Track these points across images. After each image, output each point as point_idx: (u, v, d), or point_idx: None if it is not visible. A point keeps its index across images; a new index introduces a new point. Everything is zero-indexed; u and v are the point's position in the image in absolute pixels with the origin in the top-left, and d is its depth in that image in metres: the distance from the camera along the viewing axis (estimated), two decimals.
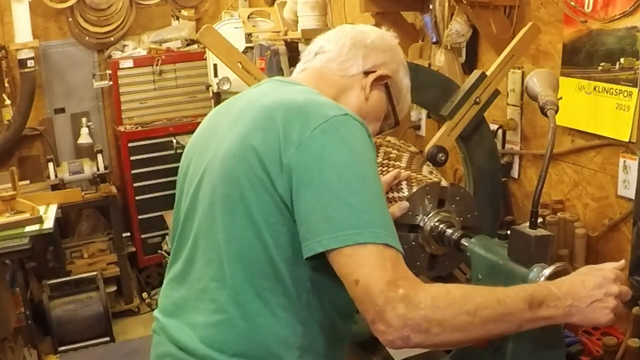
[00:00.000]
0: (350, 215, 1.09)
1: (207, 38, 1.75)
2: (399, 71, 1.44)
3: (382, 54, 1.40)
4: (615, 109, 1.75)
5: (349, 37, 1.39)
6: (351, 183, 1.11)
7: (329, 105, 1.21)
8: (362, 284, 1.06)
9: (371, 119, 1.40)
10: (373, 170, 1.17)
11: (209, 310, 1.23)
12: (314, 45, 1.42)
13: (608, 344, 1.63)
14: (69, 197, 3.78)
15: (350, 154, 1.14)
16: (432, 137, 1.82)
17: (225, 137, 1.26)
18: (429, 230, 1.51)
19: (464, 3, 2.06)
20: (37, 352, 3.60)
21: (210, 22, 4.21)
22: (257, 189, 1.17)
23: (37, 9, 4.17)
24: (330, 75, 1.37)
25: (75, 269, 4.07)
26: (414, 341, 1.05)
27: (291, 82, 1.37)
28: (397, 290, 1.04)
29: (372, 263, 1.06)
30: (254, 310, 1.20)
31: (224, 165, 1.22)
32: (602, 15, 1.76)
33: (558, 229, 1.84)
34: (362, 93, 1.38)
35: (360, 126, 1.19)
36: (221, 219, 1.22)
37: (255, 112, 1.23)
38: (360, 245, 1.07)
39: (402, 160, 1.68)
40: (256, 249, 1.18)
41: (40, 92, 4.30)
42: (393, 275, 1.06)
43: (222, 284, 1.21)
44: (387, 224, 1.12)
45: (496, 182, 1.94)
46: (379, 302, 1.04)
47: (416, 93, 1.78)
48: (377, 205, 1.13)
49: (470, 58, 2.35)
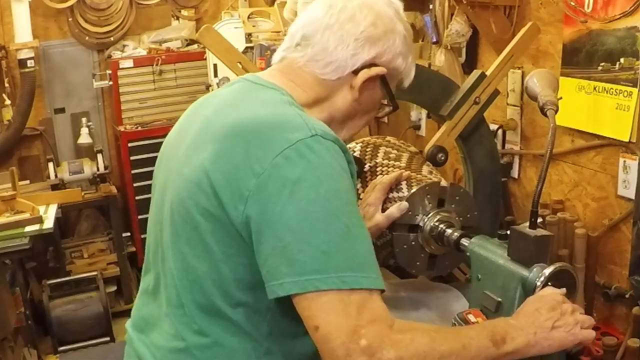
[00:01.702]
0: (313, 259, 1.00)
1: (207, 38, 1.75)
2: (397, 58, 1.25)
3: (375, 45, 1.21)
4: (615, 109, 1.75)
5: (336, 28, 1.19)
6: (316, 221, 1.02)
7: (296, 125, 1.07)
8: (321, 332, 0.99)
9: (362, 115, 1.28)
10: (345, 199, 1.06)
11: (170, 335, 1.18)
12: (296, 29, 1.24)
13: (608, 344, 1.63)
14: (69, 197, 3.78)
15: (317, 186, 1.03)
16: (432, 137, 1.82)
17: (186, 154, 1.17)
18: (429, 230, 1.51)
19: (464, 3, 2.06)
20: (37, 352, 3.59)
21: (210, 22, 4.21)
22: (210, 220, 1.09)
23: (37, 9, 4.16)
24: (309, 79, 1.21)
25: (75, 269, 4.06)
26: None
27: (264, 84, 1.21)
28: (359, 342, 0.97)
29: (334, 310, 0.99)
30: (212, 340, 1.13)
31: (180, 189, 1.14)
32: (602, 15, 1.76)
33: (558, 229, 1.84)
34: (351, 92, 1.22)
35: (331, 146, 1.07)
36: (177, 245, 1.15)
37: (217, 132, 1.12)
38: (322, 292, 1.00)
39: (401, 160, 1.68)
40: (212, 281, 1.11)
41: (40, 92, 4.30)
42: (356, 323, 0.99)
43: (181, 312, 1.16)
44: (359, 264, 1.03)
45: (496, 182, 1.94)
46: (339, 354, 0.98)
47: (416, 93, 1.79)
48: (345, 244, 1.03)
49: (470, 58, 2.35)
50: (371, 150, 1.70)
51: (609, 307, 1.85)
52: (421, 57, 2.51)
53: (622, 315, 1.81)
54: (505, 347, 1.09)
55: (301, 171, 1.03)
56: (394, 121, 3.05)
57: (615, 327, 1.83)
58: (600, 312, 1.88)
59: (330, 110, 1.24)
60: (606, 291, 1.80)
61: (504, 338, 1.10)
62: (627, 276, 1.73)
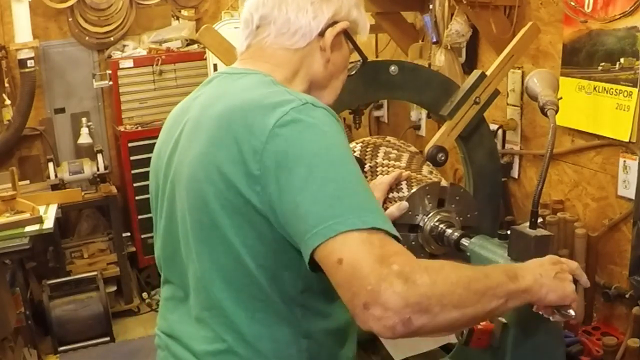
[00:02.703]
0: (328, 206, 0.98)
1: (207, 38, 1.75)
2: (352, 10, 1.27)
3: (330, 3, 1.23)
4: (615, 109, 1.75)
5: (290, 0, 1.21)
6: (323, 172, 1.01)
7: (286, 98, 1.09)
8: (347, 262, 0.93)
9: (338, 73, 1.29)
10: (345, 152, 1.06)
11: (207, 338, 1.17)
12: (250, 14, 1.25)
13: (608, 344, 1.63)
14: (69, 197, 3.78)
15: (317, 140, 1.04)
16: (432, 137, 1.82)
17: (185, 155, 1.17)
18: (429, 230, 1.51)
19: (464, 3, 2.06)
20: (37, 352, 3.59)
21: (210, 22, 4.21)
22: (229, 211, 1.08)
23: (37, 9, 4.16)
24: (283, 54, 1.22)
25: (75, 269, 4.06)
26: (416, 324, 0.92)
27: (241, 71, 1.23)
28: (391, 266, 0.92)
29: (357, 243, 0.95)
30: (252, 335, 1.13)
31: (190, 190, 1.14)
32: (602, 15, 1.76)
33: (558, 229, 1.85)
34: (323, 55, 1.24)
35: (323, 112, 1.09)
36: (198, 247, 1.15)
37: (209, 125, 1.13)
38: (343, 234, 0.95)
39: (402, 160, 1.68)
40: (240, 274, 1.11)
41: (40, 92, 4.30)
42: (382, 252, 0.94)
43: (215, 313, 1.15)
44: (373, 207, 1.01)
45: (496, 182, 1.94)
46: (372, 281, 0.91)
47: (416, 93, 1.79)
48: (357, 187, 1.02)
49: (470, 58, 2.35)
50: (371, 150, 1.70)
51: (609, 307, 1.85)
52: (421, 57, 2.51)
53: (622, 315, 1.81)
54: (518, 283, 1.08)
55: (299, 132, 1.04)
56: (394, 121, 3.05)
57: (615, 327, 1.83)
58: (600, 312, 1.88)
59: (307, 77, 1.25)
60: (606, 291, 1.80)
61: (516, 275, 1.09)
62: (627, 276, 1.74)
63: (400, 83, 1.75)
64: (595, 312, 1.89)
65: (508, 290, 1.06)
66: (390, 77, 1.74)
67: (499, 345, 1.30)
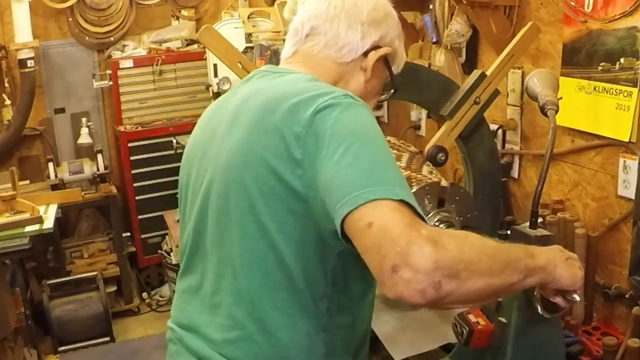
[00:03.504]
0: (360, 177, 1.00)
1: (207, 38, 1.75)
2: (395, 39, 1.34)
3: (379, 28, 1.29)
4: (615, 109, 1.75)
5: (343, 16, 1.27)
6: (357, 148, 1.03)
7: (328, 90, 1.14)
8: (377, 225, 0.94)
9: (372, 96, 1.35)
10: (381, 136, 1.10)
11: (226, 326, 1.18)
12: (301, 24, 1.31)
13: (608, 344, 1.63)
14: (69, 197, 3.78)
15: (354, 121, 1.08)
16: (432, 137, 1.82)
17: (224, 143, 1.20)
18: None
19: (464, 3, 2.06)
20: (37, 352, 3.59)
21: (210, 22, 4.21)
22: (267, 197, 1.11)
23: (37, 9, 4.16)
24: (327, 63, 1.28)
25: (75, 269, 4.06)
26: (446, 288, 0.92)
27: (284, 71, 1.28)
28: (420, 231, 0.93)
29: (386, 209, 0.96)
30: (273, 324, 1.15)
31: (229, 175, 1.17)
32: (602, 15, 1.76)
33: (558, 229, 1.85)
34: (363, 74, 1.30)
35: (362, 105, 1.14)
36: (232, 231, 1.17)
37: (252, 114, 1.17)
38: (373, 202, 0.96)
39: (402, 160, 1.68)
40: (270, 260, 1.13)
41: (40, 92, 4.29)
42: (412, 220, 0.95)
43: (238, 299, 1.16)
44: (403, 184, 1.03)
45: (496, 182, 1.94)
46: (401, 242, 0.91)
47: (416, 93, 1.79)
48: (389, 165, 1.05)
49: (470, 58, 2.35)
50: None
51: (609, 307, 1.85)
52: (421, 57, 2.51)
53: (622, 315, 1.81)
54: (535, 261, 1.10)
55: (337, 114, 1.08)
56: (394, 121, 3.05)
57: (615, 327, 1.83)
58: (600, 312, 1.88)
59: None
60: (606, 291, 1.80)
61: (532, 253, 1.11)
62: (627, 276, 1.73)
63: (400, 83, 1.75)
64: (595, 312, 1.89)
65: (527, 265, 1.07)
66: None
67: (499, 345, 1.30)
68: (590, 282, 1.83)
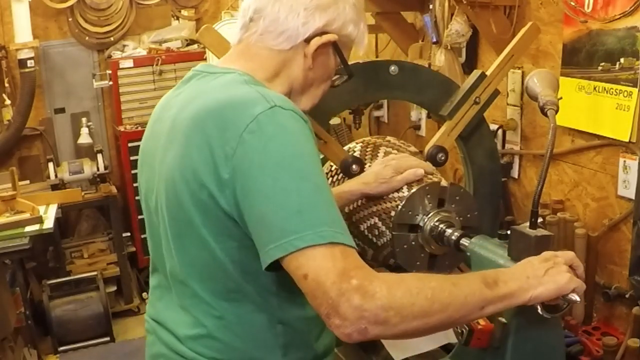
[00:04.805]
0: (289, 221, 1.04)
1: (207, 38, 1.75)
2: (348, 24, 1.27)
3: (325, 13, 1.24)
4: (615, 109, 1.75)
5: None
6: (286, 183, 1.06)
7: (255, 100, 1.11)
8: (311, 278, 1.02)
9: (319, 83, 1.31)
10: (310, 161, 1.10)
11: (189, 324, 1.24)
12: (248, 5, 1.27)
13: (608, 344, 1.64)
14: (69, 197, 3.78)
15: (282, 151, 1.08)
16: (432, 137, 1.82)
17: (165, 155, 1.21)
18: (429, 230, 1.51)
19: (464, 3, 2.06)
20: (37, 352, 3.59)
21: (210, 22, 4.21)
22: (202, 211, 1.13)
23: (37, 9, 4.16)
24: (265, 53, 1.24)
25: (75, 269, 4.06)
26: (372, 333, 1.01)
27: (219, 71, 1.26)
28: (350, 281, 1.00)
29: (319, 258, 1.02)
30: (230, 321, 1.21)
31: (168, 190, 1.19)
32: (602, 15, 1.76)
33: (558, 229, 1.85)
34: (306, 61, 1.25)
35: (291, 115, 1.11)
36: (175, 243, 1.21)
37: (186, 126, 1.16)
38: (303, 250, 1.02)
39: None
40: (215, 268, 1.18)
41: (40, 92, 4.30)
42: (344, 265, 1.01)
43: (197, 301, 1.22)
44: (332, 220, 1.06)
45: (496, 182, 1.94)
46: (332, 295, 0.99)
47: (416, 93, 1.79)
48: (318, 202, 1.07)
49: (470, 58, 2.35)
50: (371, 150, 1.70)
51: (609, 307, 1.85)
52: (421, 57, 2.51)
53: (622, 315, 1.81)
54: (498, 290, 1.10)
55: (266, 141, 1.07)
56: (394, 121, 3.05)
57: (615, 327, 1.83)
58: (600, 312, 1.88)
59: (288, 81, 1.28)
60: (606, 291, 1.80)
61: (495, 281, 1.11)
62: (627, 276, 1.74)
63: (400, 83, 1.75)
64: (595, 312, 1.89)
65: (483, 297, 1.09)
66: (390, 77, 1.74)
67: (499, 345, 1.30)
68: (590, 282, 1.83)
